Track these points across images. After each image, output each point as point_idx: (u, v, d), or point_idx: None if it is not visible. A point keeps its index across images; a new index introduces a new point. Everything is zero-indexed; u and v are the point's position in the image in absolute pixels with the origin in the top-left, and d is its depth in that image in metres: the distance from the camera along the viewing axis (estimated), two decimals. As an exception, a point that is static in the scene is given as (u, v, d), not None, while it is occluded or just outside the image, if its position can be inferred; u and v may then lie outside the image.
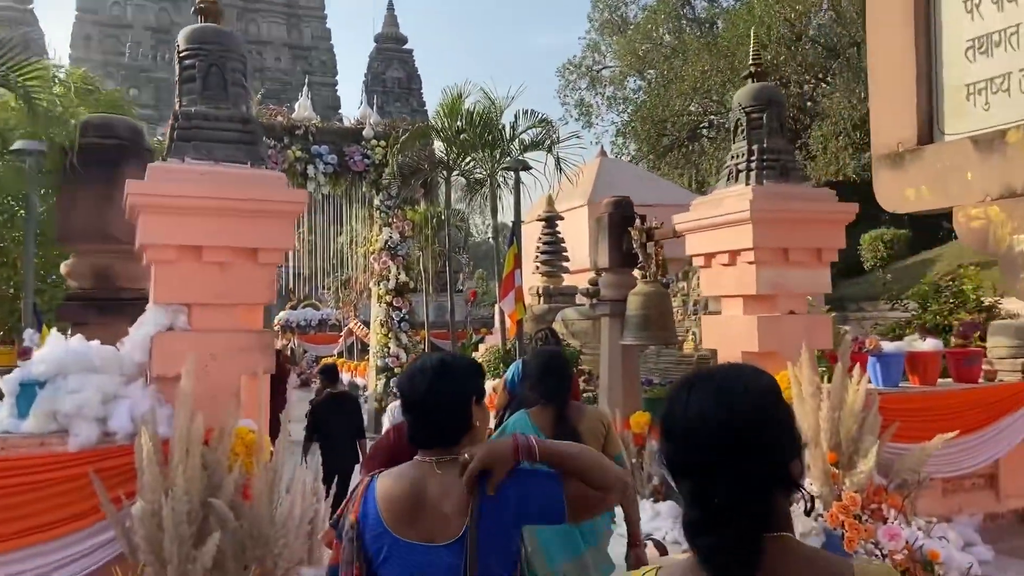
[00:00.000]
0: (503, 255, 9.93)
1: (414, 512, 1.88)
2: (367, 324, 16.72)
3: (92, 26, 41.84)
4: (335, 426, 6.94)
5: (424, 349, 15.23)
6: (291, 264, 18.12)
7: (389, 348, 13.77)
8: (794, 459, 1.34)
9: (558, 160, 11.97)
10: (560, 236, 16.59)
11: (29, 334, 5.36)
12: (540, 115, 12.09)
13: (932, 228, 24.54)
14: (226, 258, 4.27)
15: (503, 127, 12.22)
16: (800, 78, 25.15)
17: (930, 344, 5.87)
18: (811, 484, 4.77)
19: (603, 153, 23.59)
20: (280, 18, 46.48)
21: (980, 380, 6.07)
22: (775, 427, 1.32)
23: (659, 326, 7.38)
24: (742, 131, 5.59)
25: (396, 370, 13.20)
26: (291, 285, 20.02)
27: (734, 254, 5.41)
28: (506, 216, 13.27)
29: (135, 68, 41.22)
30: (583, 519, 2.02)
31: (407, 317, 13.95)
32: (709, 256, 5.69)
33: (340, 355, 22.44)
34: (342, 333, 23.43)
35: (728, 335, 5.58)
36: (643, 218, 7.65)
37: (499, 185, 12.59)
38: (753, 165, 5.44)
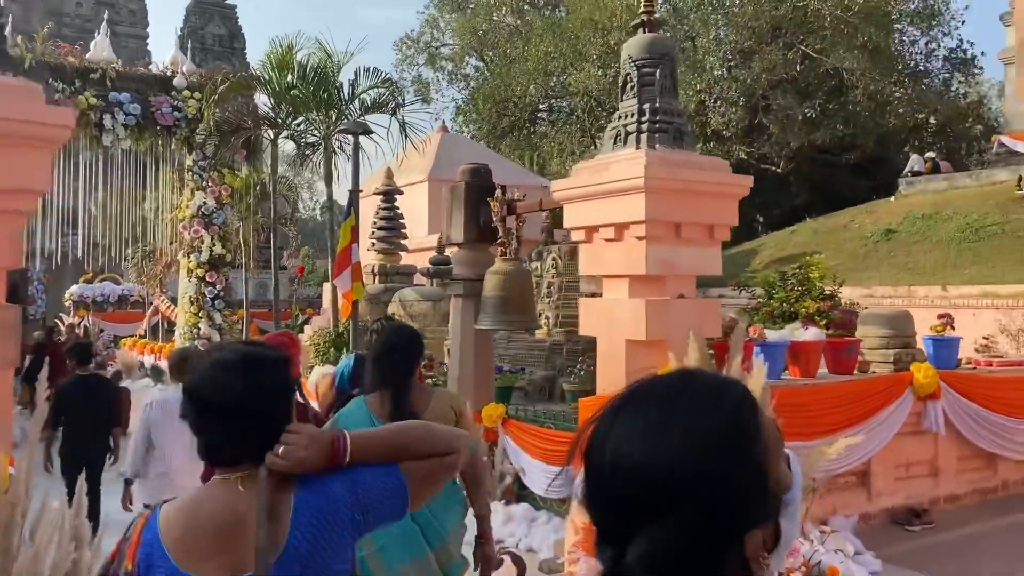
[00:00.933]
0: (338, 226, 8.75)
1: (217, 543, 1.58)
2: (175, 301, 14.82)
3: None
4: (84, 413, 6.24)
5: (242, 330, 13.65)
6: (83, 231, 15.74)
7: (200, 328, 12.10)
8: (755, 527, 0.93)
9: (403, 125, 10.86)
10: (399, 212, 15.53)
11: None
12: (384, 74, 10.91)
13: (750, 222, 25.98)
14: (-55, 199, 2.97)
15: (341, 85, 10.93)
16: (638, 68, 25.41)
17: (812, 333, 5.49)
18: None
19: (444, 129, 22.70)
20: (82, -43, 41.34)
21: (855, 371, 5.80)
22: (730, 480, 0.91)
23: (519, 309, 6.67)
24: (632, 88, 4.88)
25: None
26: (82, 255, 17.46)
27: (621, 228, 4.69)
28: (341, 187, 12.00)
29: None
30: (430, 497, 1.76)
31: (222, 294, 12.34)
32: (591, 229, 4.93)
33: (143, 336, 20.22)
34: (147, 312, 21.14)
35: (611, 320, 4.87)
36: (504, 188, 6.88)
37: (335, 151, 11.29)
38: (644, 127, 4.73)
